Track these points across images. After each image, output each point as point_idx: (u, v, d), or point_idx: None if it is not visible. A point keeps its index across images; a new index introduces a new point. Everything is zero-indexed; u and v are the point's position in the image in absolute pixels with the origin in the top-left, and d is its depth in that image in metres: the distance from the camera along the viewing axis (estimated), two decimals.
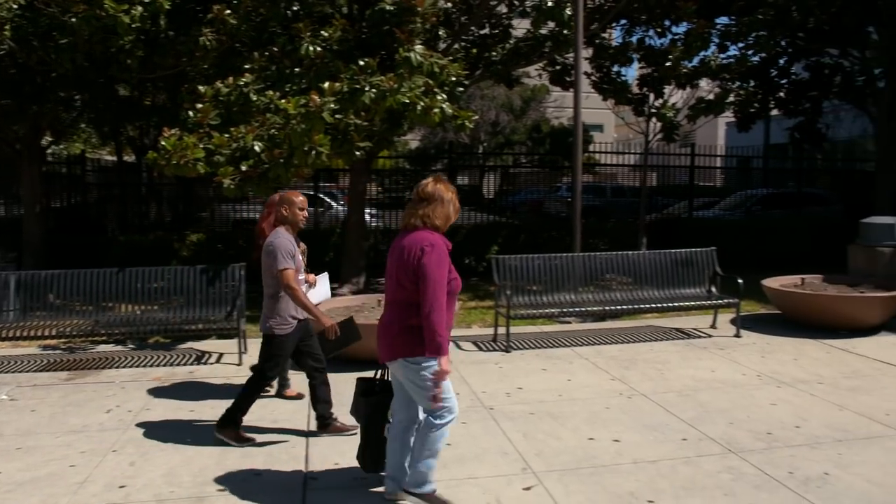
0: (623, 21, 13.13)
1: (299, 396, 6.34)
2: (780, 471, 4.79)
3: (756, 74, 15.42)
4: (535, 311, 8.32)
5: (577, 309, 8.62)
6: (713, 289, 9.11)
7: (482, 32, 12.81)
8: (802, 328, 8.86)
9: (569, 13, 10.16)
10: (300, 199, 5.31)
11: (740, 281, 8.70)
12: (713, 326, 9.08)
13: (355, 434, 5.03)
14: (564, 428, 5.61)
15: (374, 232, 13.78)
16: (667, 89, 12.59)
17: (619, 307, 8.64)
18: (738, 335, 8.61)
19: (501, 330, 8.29)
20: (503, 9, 12.36)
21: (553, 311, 8.55)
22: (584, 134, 32.38)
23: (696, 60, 12.12)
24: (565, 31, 10.98)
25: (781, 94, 16.29)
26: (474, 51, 12.47)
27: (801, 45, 15.11)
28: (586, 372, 7.12)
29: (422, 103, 8.06)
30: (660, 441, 5.33)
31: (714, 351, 7.98)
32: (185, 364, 7.58)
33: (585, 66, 12.96)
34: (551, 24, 11.17)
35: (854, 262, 9.95)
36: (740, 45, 12.50)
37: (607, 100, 12.72)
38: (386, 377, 4.53)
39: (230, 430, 5.28)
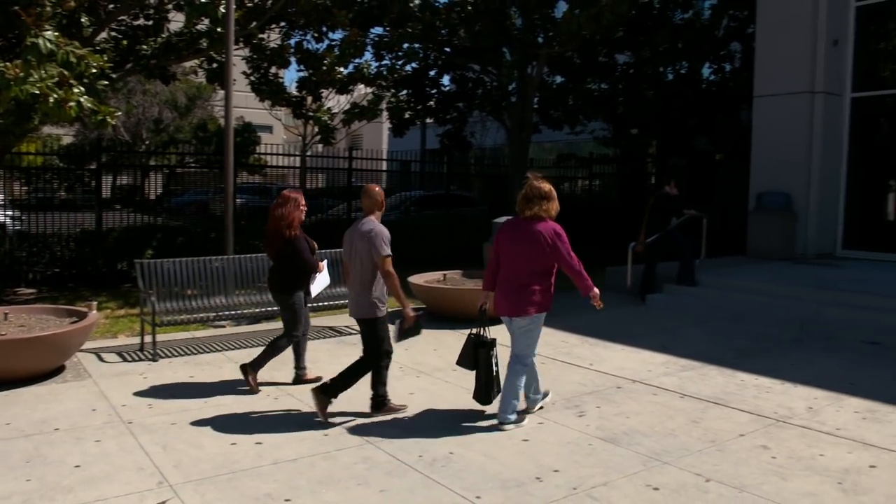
0: (283, 23, 13.23)
1: (318, 379, 6.65)
2: (411, 455, 5.17)
3: (410, 84, 16.49)
4: (185, 317, 8.07)
5: (231, 312, 8.52)
6: None
7: (135, 24, 12.12)
8: (445, 320, 9.64)
9: (223, 11, 9.99)
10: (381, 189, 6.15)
11: None
12: None
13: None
14: (206, 436, 5.52)
15: (11, 237, 12.30)
16: (327, 94, 12.96)
17: (273, 309, 8.67)
18: None
19: (149, 338, 7.92)
20: None
21: (206, 315, 8.36)
22: (252, 135, 32.18)
23: (351, 67, 12.62)
24: (219, 29, 10.76)
25: (432, 103, 17.59)
26: (125, 42, 11.75)
27: (448, 60, 16.43)
28: (236, 375, 7.06)
29: (55, 95, 7.44)
30: (302, 439, 5.47)
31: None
32: None
33: (243, 66, 12.87)
34: (207, 21, 10.90)
35: (488, 259, 11.04)
36: (392, 55, 13.26)
37: (264, 101, 12.73)
38: (481, 332, 5.94)
39: (384, 407, 5.98)
